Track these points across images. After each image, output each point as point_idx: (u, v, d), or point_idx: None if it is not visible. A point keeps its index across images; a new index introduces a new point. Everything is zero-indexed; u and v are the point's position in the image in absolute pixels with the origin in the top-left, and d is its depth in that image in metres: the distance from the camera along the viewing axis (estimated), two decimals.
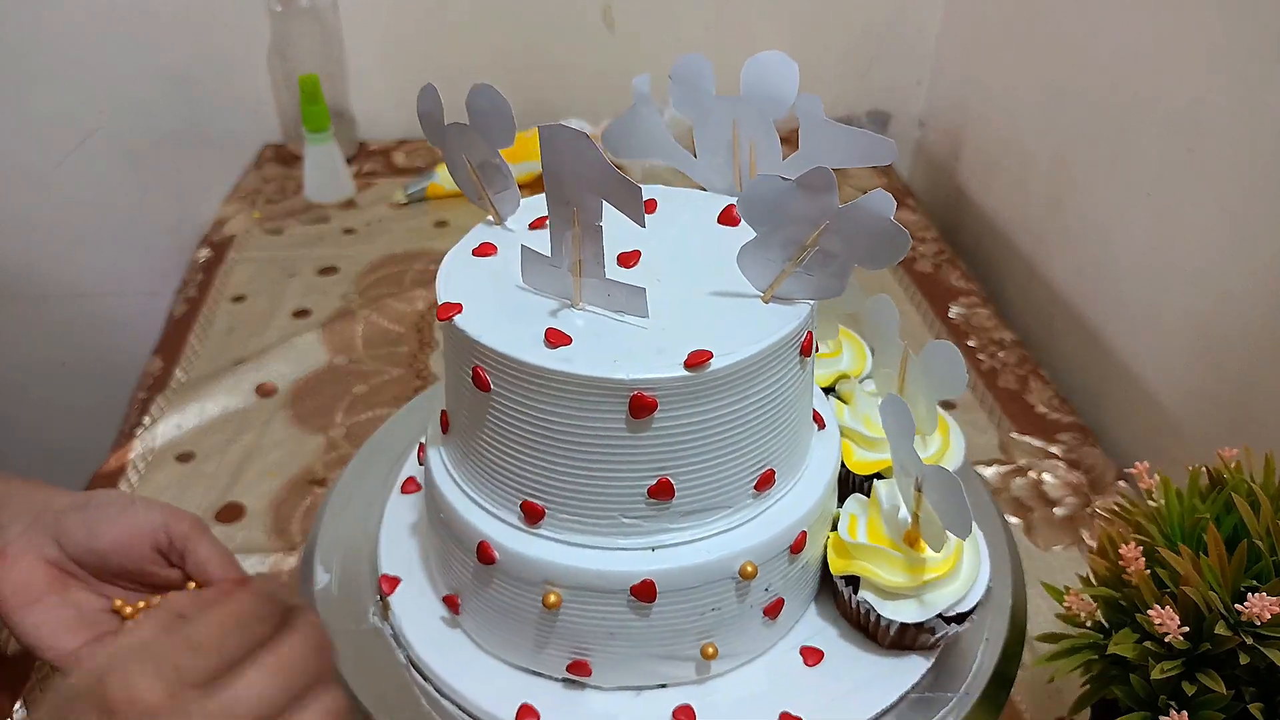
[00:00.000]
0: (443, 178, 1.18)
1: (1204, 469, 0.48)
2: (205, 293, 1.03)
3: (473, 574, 0.49)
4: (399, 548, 0.58)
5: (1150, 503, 0.48)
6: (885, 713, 0.50)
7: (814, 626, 0.54)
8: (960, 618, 0.50)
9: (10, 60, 1.20)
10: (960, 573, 0.50)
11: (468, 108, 0.47)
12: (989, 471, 0.80)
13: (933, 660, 0.52)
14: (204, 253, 1.11)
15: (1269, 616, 0.39)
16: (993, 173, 1.18)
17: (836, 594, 0.53)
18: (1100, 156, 0.94)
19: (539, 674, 0.50)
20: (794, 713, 0.49)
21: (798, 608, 0.53)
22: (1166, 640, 0.41)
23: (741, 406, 0.44)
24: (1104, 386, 0.94)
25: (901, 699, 0.50)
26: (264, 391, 0.88)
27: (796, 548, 0.49)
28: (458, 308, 0.45)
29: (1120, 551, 0.44)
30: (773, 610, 0.50)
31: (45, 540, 0.51)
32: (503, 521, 0.48)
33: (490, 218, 0.53)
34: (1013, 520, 0.75)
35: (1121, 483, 0.79)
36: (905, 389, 0.56)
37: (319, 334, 0.95)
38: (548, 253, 0.45)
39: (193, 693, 0.36)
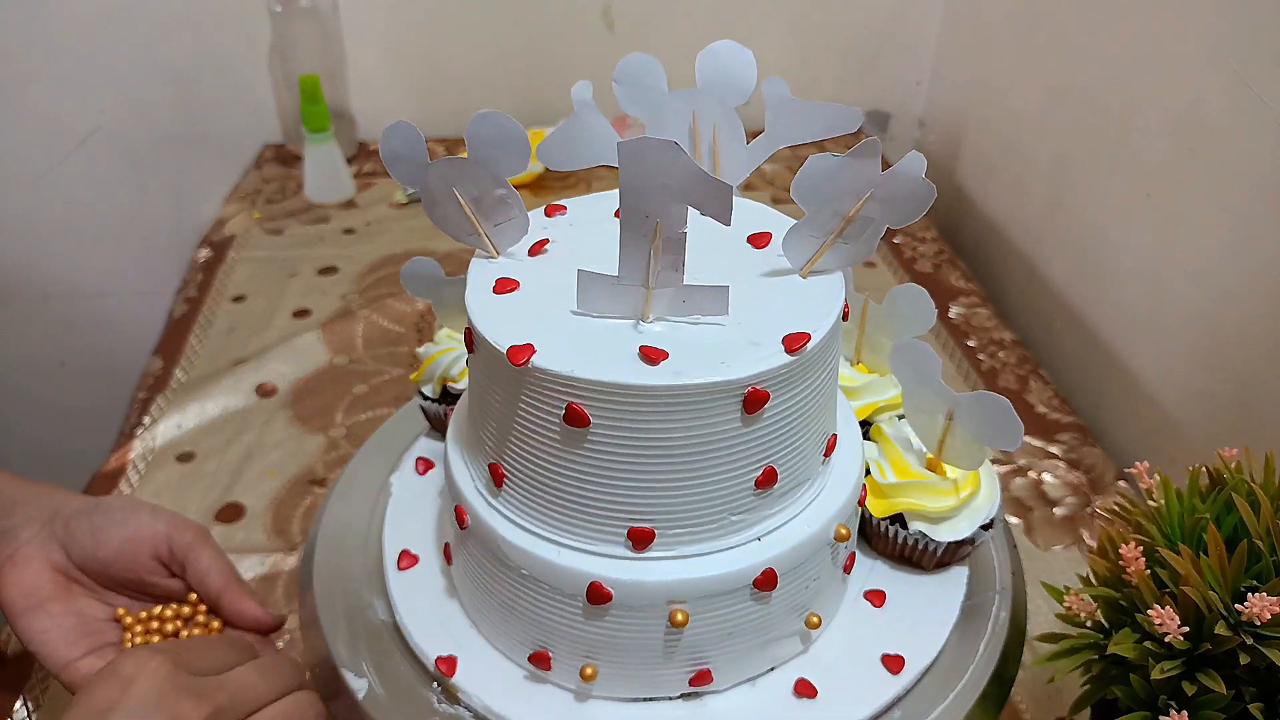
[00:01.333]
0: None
1: (1204, 469, 0.48)
2: (205, 293, 1.03)
3: (581, 618, 0.46)
4: (423, 614, 0.54)
5: (1150, 503, 0.48)
6: (956, 626, 0.53)
7: (864, 570, 0.56)
8: (990, 523, 0.54)
9: (11, 60, 1.20)
10: (983, 483, 0.54)
11: (469, 139, 0.44)
12: None
13: (968, 567, 0.56)
14: (204, 253, 1.11)
15: (1269, 616, 0.39)
16: (992, 173, 1.18)
17: (872, 535, 0.55)
18: (1100, 157, 0.94)
19: (653, 699, 0.49)
20: (890, 652, 0.51)
21: (857, 557, 0.56)
22: (1166, 640, 0.41)
23: (822, 379, 0.45)
24: (1104, 386, 0.94)
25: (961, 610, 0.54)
26: (264, 391, 0.88)
27: (861, 501, 0.52)
28: (530, 348, 0.42)
29: (1120, 551, 0.44)
30: (849, 565, 0.53)
31: (53, 546, 0.52)
32: (609, 556, 0.45)
33: (481, 253, 0.49)
34: (1013, 520, 0.75)
35: (1121, 483, 0.79)
36: (867, 336, 0.58)
37: (319, 334, 0.95)
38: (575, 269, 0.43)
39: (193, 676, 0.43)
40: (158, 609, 0.54)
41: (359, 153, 1.31)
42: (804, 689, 0.49)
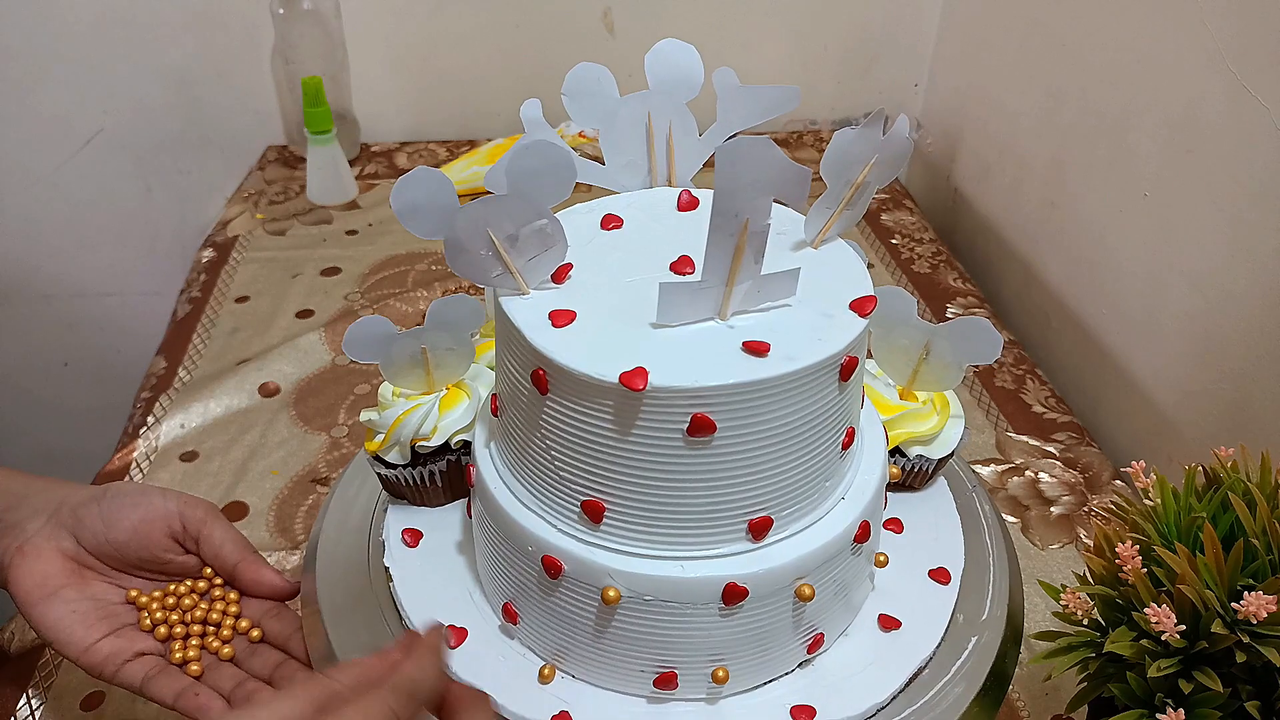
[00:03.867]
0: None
1: (1200, 468, 0.48)
2: (209, 293, 1.04)
3: (716, 620, 0.46)
4: (510, 679, 0.50)
5: (1147, 501, 0.48)
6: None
7: None
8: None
9: (15, 62, 1.21)
10: (949, 397, 0.58)
11: (512, 172, 0.42)
12: (986, 471, 0.80)
13: (944, 477, 0.61)
14: (208, 253, 1.12)
15: (1265, 615, 0.40)
16: (989, 174, 1.19)
17: None
18: (1097, 158, 0.94)
19: (774, 679, 0.50)
20: (934, 566, 0.55)
21: None
22: (1163, 638, 0.41)
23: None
24: (1100, 386, 0.94)
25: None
26: (267, 391, 0.88)
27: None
28: (643, 372, 0.40)
29: (1117, 550, 0.44)
30: (885, 502, 0.55)
31: (62, 535, 0.52)
32: (734, 555, 0.45)
33: (506, 291, 0.46)
34: (1010, 519, 0.76)
35: (1118, 482, 0.80)
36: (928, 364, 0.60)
37: (322, 334, 0.96)
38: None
39: None
40: (172, 586, 0.54)
41: (361, 154, 1.31)
42: (888, 623, 0.52)
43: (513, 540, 0.48)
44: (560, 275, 0.46)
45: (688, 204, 0.52)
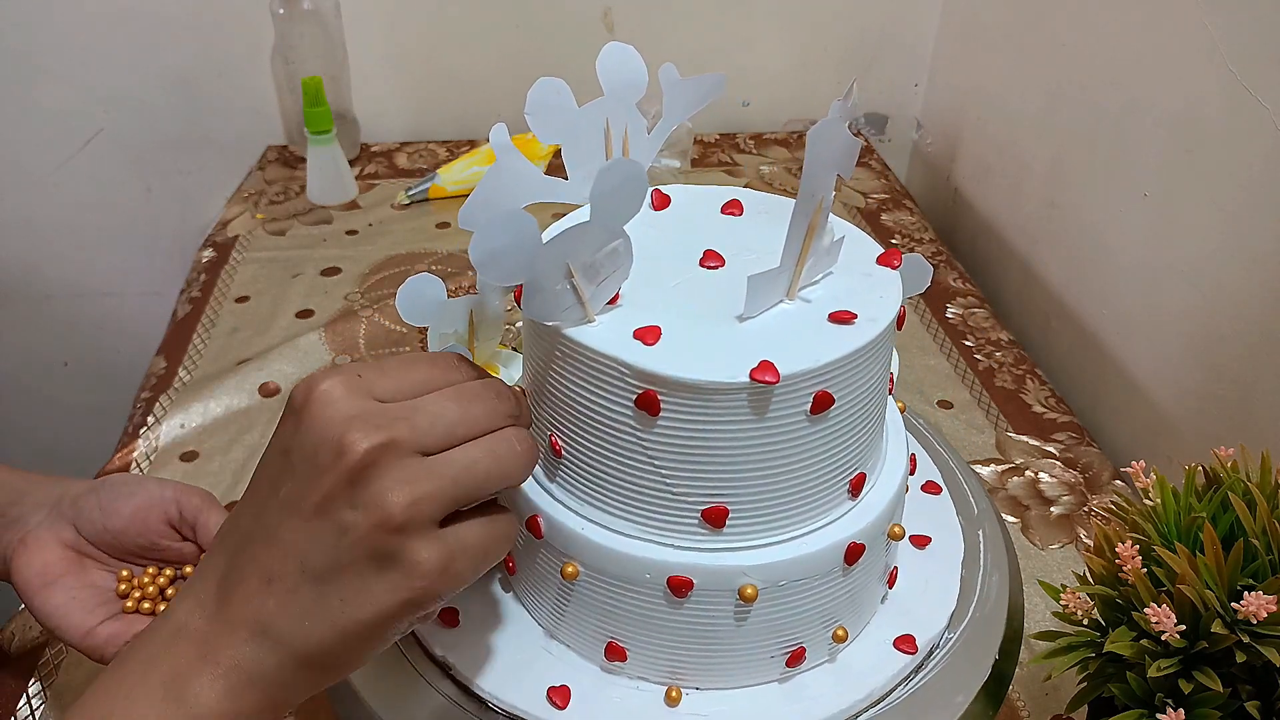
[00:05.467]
0: (444, 179, 1.19)
1: (1200, 468, 0.48)
2: (209, 293, 1.04)
3: (840, 576, 0.47)
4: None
5: (1146, 501, 0.48)
6: None
7: None
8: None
9: (14, 61, 1.21)
10: None
11: (596, 196, 0.40)
12: (986, 471, 0.80)
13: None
14: (207, 253, 1.12)
15: (1265, 615, 0.40)
16: (989, 174, 1.19)
17: None
18: (1097, 158, 0.94)
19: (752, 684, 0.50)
20: (926, 481, 0.61)
21: None
22: (1163, 638, 0.41)
23: None
24: (1100, 386, 0.94)
25: None
26: (267, 391, 0.88)
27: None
28: (770, 365, 0.41)
29: (1117, 550, 0.44)
30: None
31: (62, 525, 0.53)
32: (841, 516, 0.48)
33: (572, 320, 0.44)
34: (1010, 519, 0.76)
35: (1118, 481, 0.80)
36: None
37: (322, 334, 0.96)
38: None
39: (369, 397, 0.37)
40: (161, 569, 0.55)
41: (361, 154, 1.31)
42: (919, 540, 0.56)
43: (622, 575, 0.46)
44: (614, 300, 0.45)
45: (660, 203, 0.54)
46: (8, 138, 1.25)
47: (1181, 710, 0.41)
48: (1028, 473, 0.80)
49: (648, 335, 0.43)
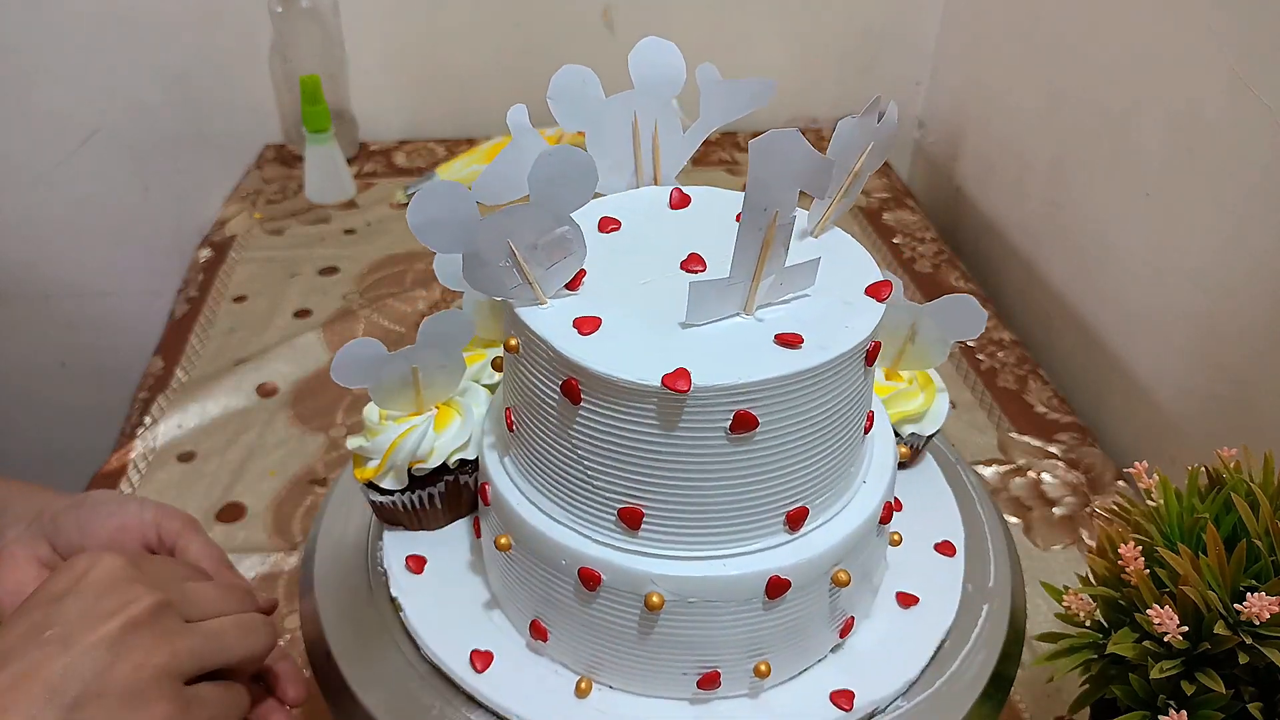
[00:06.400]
0: (443, 178, 1.18)
1: (1203, 469, 0.48)
2: (206, 293, 1.03)
3: (760, 614, 0.46)
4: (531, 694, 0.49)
5: (1149, 502, 0.48)
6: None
7: None
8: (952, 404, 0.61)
9: (12, 60, 1.21)
10: (930, 373, 0.59)
11: (535, 180, 0.41)
12: (988, 471, 0.80)
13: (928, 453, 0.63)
14: (205, 253, 1.11)
15: (1268, 616, 0.40)
16: (991, 173, 1.18)
17: None
18: (1099, 157, 0.94)
19: (808, 668, 0.50)
20: (939, 540, 0.56)
21: None
22: (1166, 640, 0.41)
23: None
24: (1103, 386, 0.94)
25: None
26: (265, 391, 0.88)
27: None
28: (685, 373, 0.40)
29: (1119, 551, 0.44)
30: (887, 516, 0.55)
31: (39, 542, 0.52)
32: (774, 547, 0.45)
33: (522, 302, 0.45)
34: (1012, 520, 0.75)
35: (1120, 482, 0.79)
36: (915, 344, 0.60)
37: (320, 334, 0.95)
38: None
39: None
40: None
41: (359, 153, 1.31)
42: (905, 599, 0.53)
43: (542, 556, 0.47)
44: (575, 282, 0.46)
45: (679, 202, 0.52)
46: (5, 137, 1.25)
47: (1184, 712, 0.41)
48: (1030, 473, 0.80)
49: (586, 325, 0.43)
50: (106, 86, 1.24)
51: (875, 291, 0.45)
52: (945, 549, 0.56)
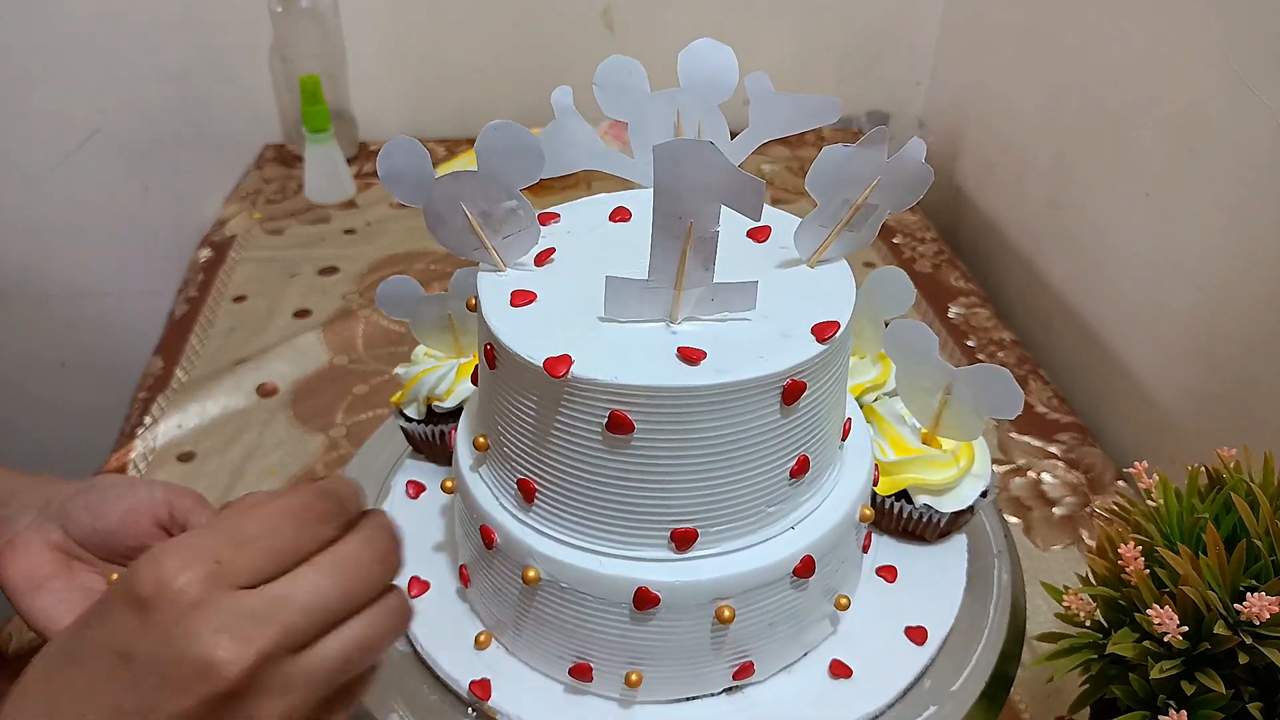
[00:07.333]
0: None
1: (1203, 468, 0.48)
2: (206, 293, 1.03)
3: (629, 623, 0.46)
4: (447, 641, 0.52)
5: (1149, 502, 0.48)
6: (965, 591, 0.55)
7: (872, 548, 0.57)
8: (985, 491, 0.55)
9: (11, 60, 1.20)
10: (977, 453, 0.55)
11: (481, 150, 0.44)
12: None
13: (966, 536, 0.58)
14: (205, 253, 1.11)
15: (1268, 616, 0.39)
16: (992, 173, 1.18)
17: (877, 513, 0.55)
18: (1099, 157, 0.94)
19: (697, 697, 0.49)
20: (912, 624, 0.52)
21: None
22: (1166, 640, 0.41)
23: (843, 363, 0.46)
24: (1103, 386, 0.94)
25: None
26: (265, 391, 0.88)
27: (875, 482, 0.52)
28: (567, 359, 0.41)
29: (1119, 551, 0.44)
30: (866, 544, 0.53)
31: (51, 526, 0.52)
32: (653, 560, 0.45)
33: (486, 266, 0.48)
34: (1012, 520, 0.75)
35: (1120, 482, 0.79)
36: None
37: (320, 334, 0.95)
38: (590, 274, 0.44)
39: (232, 588, 0.32)
40: None
41: (359, 153, 1.31)
42: (839, 669, 0.50)
43: (466, 505, 0.50)
44: (542, 259, 0.48)
45: None
46: (4, 137, 1.25)
47: (1184, 712, 0.41)
48: (1030, 473, 0.80)
49: (519, 298, 0.45)
50: (106, 86, 1.24)
51: (820, 331, 0.43)
52: (916, 635, 0.52)
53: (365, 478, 0.63)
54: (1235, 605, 0.40)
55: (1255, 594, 0.40)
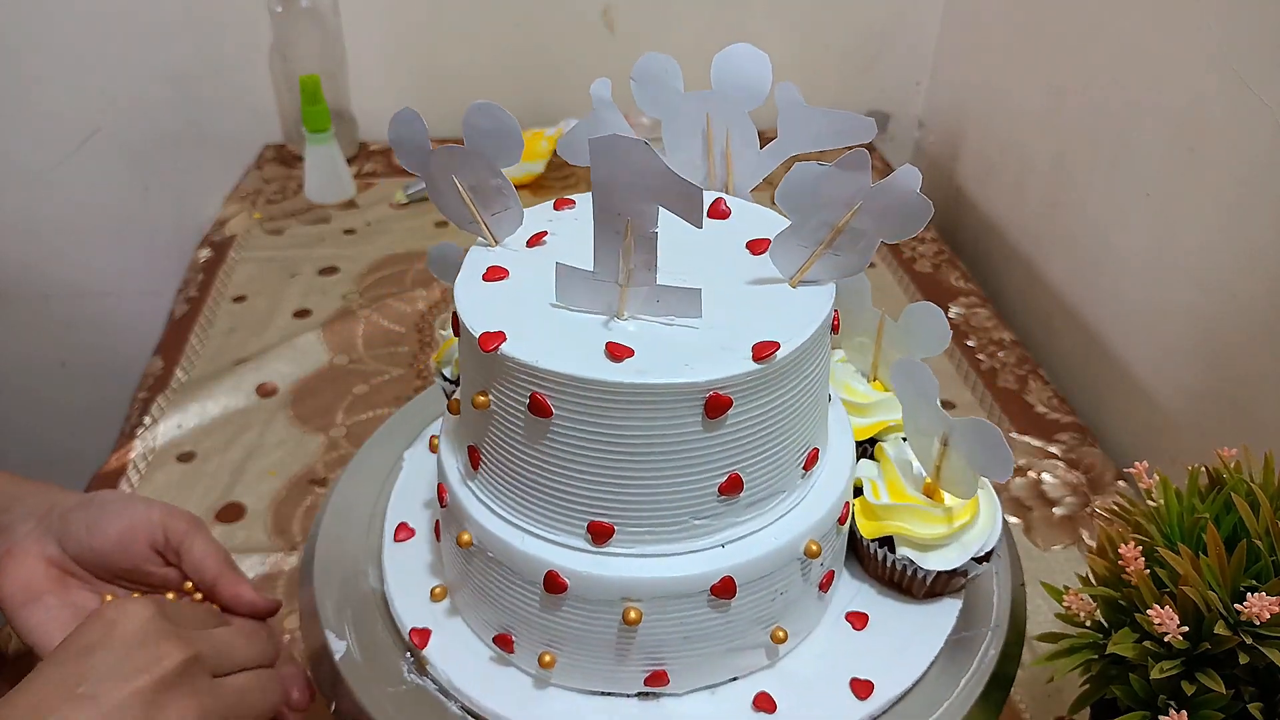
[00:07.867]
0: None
1: (1203, 468, 0.48)
2: (206, 293, 1.03)
3: (539, 606, 0.47)
4: (410, 587, 0.54)
5: (1149, 502, 0.48)
6: (937, 658, 0.51)
7: (850, 591, 0.55)
8: (986, 556, 0.52)
9: (12, 60, 1.20)
10: (981, 514, 0.52)
11: (466, 127, 0.45)
12: None
13: (962, 600, 0.54)
14: (205, 253, 1.11)
15: (1268, 616, 0.39)
16: (992, 173, 1.18)
17: (864, 557, 0.54)
18: (1099, 157, 0.94)
19: (611, 694, 0.49)
20: (861, 677, 0.49)
21: (840, 577, 0.55)
22: (1166, 640, 0.41)
23: (798, 390, 0.45)
24: (1103, 386, 0.94)
25: (945, 642, 0.52)
26: (265, 391, 0.88)
27: (843, 519, 0.50)
28: (501, 336, 0.42)
29: (1120, 551, 0.44)
30: (826, 583, 0.51)
31: (48, 540, 0.52)
32: (568, 547, 0.45)
33: (481, 240, 0.49)
34: (1012, 520, 0.75)
35: (1121, 482, 0.79)
36: (882, 353, 0.57)
37: (319, 334, 0.95)
38: (563, 265, 0.44)
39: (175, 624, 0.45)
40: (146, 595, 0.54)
41: (359, 153, 1.31)
42: (763, 703, 0.48)
43: (437, 471, 0.52)
44: (534, 241, 0.49)
45: (720, 212, 0.52)
46: (4, 137, 1.25)
47: (1184, 712, 0.41)
48: (1030, 473, 0.80)
49: (493, 274, 0.47)
50: (106, 86, 1.24)
51: (758, 350, 0.42)
52: (861, 688, 0.49)
53: (403, 427, 0.66)
54: (1235, 605, 0.40)
55: (1255, 594, 0.40)
